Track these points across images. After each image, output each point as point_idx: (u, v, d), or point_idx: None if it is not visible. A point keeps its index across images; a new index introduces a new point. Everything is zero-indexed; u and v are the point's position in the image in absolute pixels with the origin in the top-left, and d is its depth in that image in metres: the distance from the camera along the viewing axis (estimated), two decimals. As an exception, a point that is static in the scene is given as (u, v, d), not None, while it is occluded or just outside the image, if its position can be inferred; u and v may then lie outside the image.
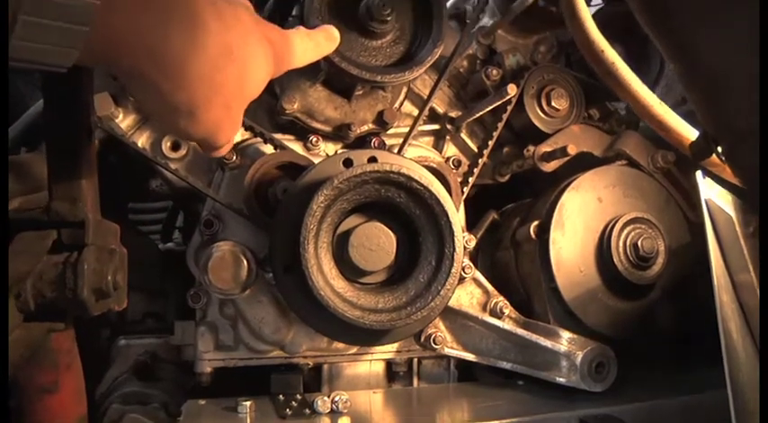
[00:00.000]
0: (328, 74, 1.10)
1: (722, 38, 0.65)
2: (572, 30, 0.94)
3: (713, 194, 0.90)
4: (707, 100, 0.71)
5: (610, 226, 1.17)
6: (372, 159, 0.97)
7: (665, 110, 0.92)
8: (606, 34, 1.14)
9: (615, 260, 1.14)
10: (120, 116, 1.08)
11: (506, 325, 1.15)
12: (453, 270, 0.96)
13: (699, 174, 0.90)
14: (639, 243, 1.15)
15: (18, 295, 0.77)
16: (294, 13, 1.32)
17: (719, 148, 0.76)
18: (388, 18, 1.05)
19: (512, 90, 1.13)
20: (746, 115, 0.63)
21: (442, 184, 1.01)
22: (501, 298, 1.17)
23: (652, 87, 1.35)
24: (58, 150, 0.84)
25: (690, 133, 0.91)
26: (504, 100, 1.16)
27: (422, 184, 0.94)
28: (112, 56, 0.59)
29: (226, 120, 0.72)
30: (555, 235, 1.15)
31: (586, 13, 0.92)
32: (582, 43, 0.93)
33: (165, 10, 0.60)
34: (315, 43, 0.87)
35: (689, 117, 1.06)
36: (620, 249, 1.15)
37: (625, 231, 1.16)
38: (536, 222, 1.17)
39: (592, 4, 1.35)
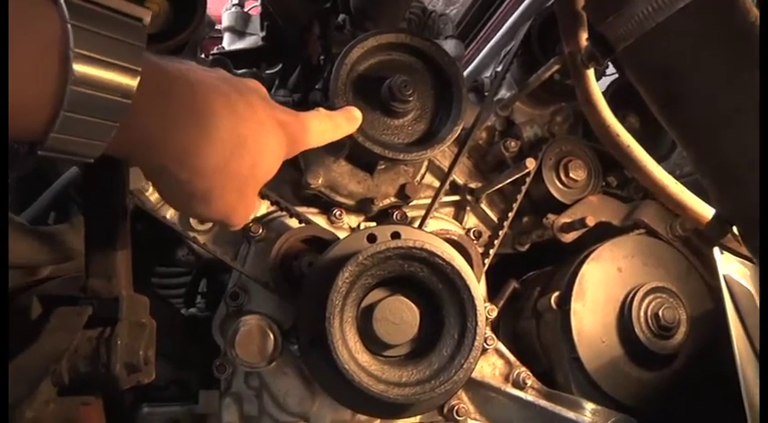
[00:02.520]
0: (352, 150, 1.13)
1: (732, 134, 0.67)
2: (587, 115, 0.98)
3: (731, 270, 0.92)
4: (719, 187, 0.73)
5: (630, 296, 1.18)
6: (396, 235, 1.00)
7: (680, 189, 0.94)
8: (621, 104, 1.17)
9: (637, 330, 1.15)
10: (150, 189, 1.12)
11: (529, 396, 1.15)
12: (476, 343, 0.97)
13: (716, 250, 0.92)
14: (661, 313, 1.15)
15: (54, 370, 0.79)
16: (318, 86, 1.38)
17: (734, 228, 0.78)
18: (410, 98, 1.08)
19: (530, 164, 1.16)
20: (759, 205, 0.65)
21: (464, 256, 1.03)
22: (523, 369, 1.18)
23: (668, 153, 1.38)
24: (96, 229, 0.87)
25: (706, 212, 0.93)
26: (523, 173, 1.18)
27: (444, 260, 0.96)
28: (135, 149, 0.63)
29: (240, 203, 0.75)
30: (576, 305, 1.16)
31: (601, 100, 0.95)
32: (597, 127, 0.96)
33: (184, 109, 0.64)
34: (334, 124, 0.91)
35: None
36: (642, 319, 1.16)
37: (646, 301, 1.17)
38: (557, 293, 1.18)
39: (607, 73, 1.38)
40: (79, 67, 0.52)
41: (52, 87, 0.51)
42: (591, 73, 0.96)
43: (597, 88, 0.95)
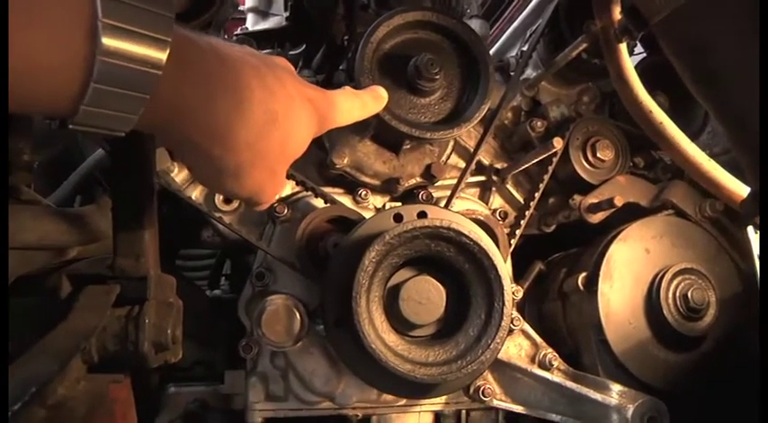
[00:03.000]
0: (377, 129, 1.13)
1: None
2: (619, 90, 0.96)
3: (766, 249, 0.90)
4: (754, 162, 0.71)
5: (659, 277, 1.16)
6: (422, 214, 0.99)
7: (713, 166, 0.92)
8: (650, 83, 1.15)
9: (665, 312, 1.14)
10: (176, 170, 1.12)
11: (555, 377, 1.15)
12: (503, 324, 0.97)
13: (750, 229, 0.90)
14: (689, 294, 1.14)
15: (84, 348, 0.80)
16: (342, 67, 1.37)
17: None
18: (436, 77, 1.07)
19: (558, 144, 1.14)
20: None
21: (490, 236, 1.02)
22: (550, 350, 1.17)
23: (698, 133, 1.35)
24: (123, 209, 0.88)
25: (740, 189, 0.91)
26: (550, 153, 1.17)
27: (471, 239, 0.96)
28: (166, 123, 0.62)
29: (269, 180, 0.75)
30: (603, 287, 1.15)
31: (633, 74, 0.93)
32: (629, 103, 0.94)
33: (215, 82, 0.63)
34: (361, 103, 0.90)
35: (737, 165, 1.06)
36: (670, 301, 1.15)
37: (674, 282, 1.16)
38: (584, 274, 1.17)
39: (635, 53, 1.36)
40: (108, 39, 0.51)
41: (81, 59, 0.50)
42: (624, 48, 0.94)
43: (630, 64, 0.93)
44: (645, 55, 1.39)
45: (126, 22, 0.52)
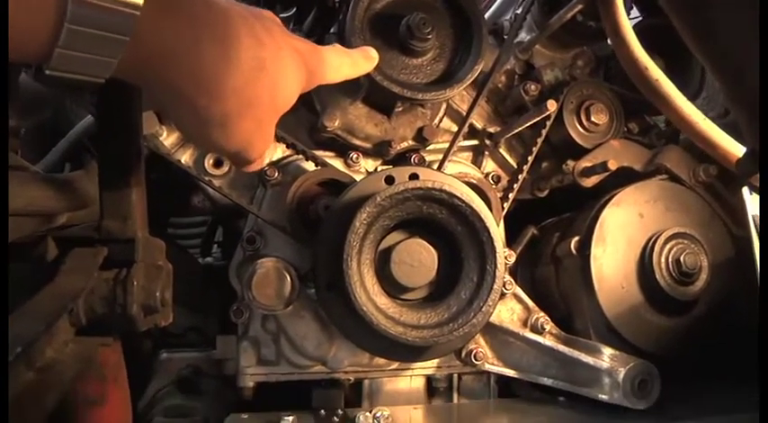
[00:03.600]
0: (368, 91, 1.11)
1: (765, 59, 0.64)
2: (615, 47, 0.94)
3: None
4: (752, 119, 0.70)
5: (652, 241, 1.16)
6: (414, 176, 0.98)
7: (709, 126, 0.91)
8: (646, 47, 1.13)
9: (657, 276, 1.13)
10: (165, 134, 1.10)
11: (547, 341, 1.15)
12: (495, 286, 0.96)
13: (745, 190, 0.89)
14: (682, 258, 1.13)
15: (71, 310, 0.79)
16: (333, 30, 1.34)
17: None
18: (429, 37, 1.05)
19: (551, 106, 1.13)
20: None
21: (482, 200, 1.01)
22: (542, 314, 1.17)
23: (693, 98, 1.34)
24: (110, 170, 0.86)
25: (736, 149, 0.90)
26: (544, 116, 1.16)
27: (463, 201, 0.95)
28: (148, 70, 0.60)
29: (257, 133, 0.73)
30: (596, 251, 1.15)
31: (629, 31, 0.92)
32: (625, 60, 0.92)
33: (201, 26, 0.61)
34: (351, 60, 0.88)
35: (732, 129, 1.05)
36: (663, 265, 1.14)
37: (667, 247, 1.15)
38: (577, 238, 1.17)
39: (631, 16, 1.34)
40: None
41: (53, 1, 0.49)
42: (620, 3, 0.92)
43: (627, 20, 0.92)
44: (641, 17, 1.37)
45: None
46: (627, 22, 0.92)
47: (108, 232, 0.86)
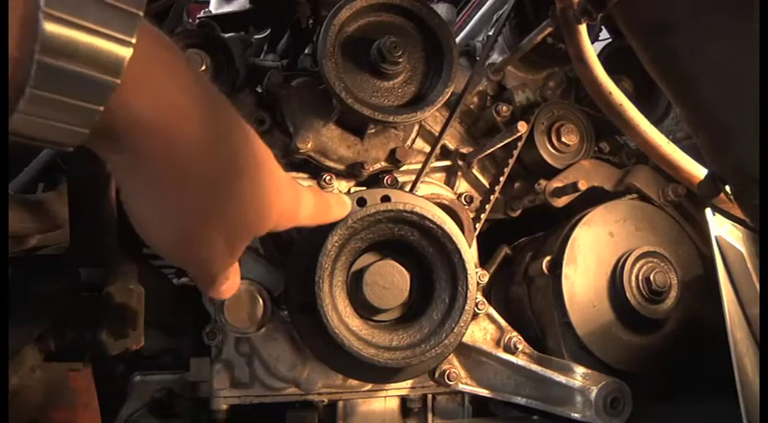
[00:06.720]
0: (341, 113, 1.11)
1: (726, 88, 0.66)
2: (579, 73, 0.96)
3: (723, 231, 0.91)
4: (713, 144, 0.72)
5: (622, 260, 1.17)
6: (385, 198, 0.99)
7: (673, 149, 0.93)
8: (615, 68, 1.15)
9: (628, 294, 1.15)
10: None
11: (520, 360, 1.15)
12: (467, 307, 0.97)
13: (708, 211, 0.91)
14: (652, 277, 1.15)
15: (39, 336, 0.78)
16: (307, 50, 1.35)
17: (727, 188, 0.77)
18: (400, 60, 1.06)
19: (522, 127, 1.15)
20: (752, 163, 0.64)
21: (455, 220, 1.02)
22: (515, 333, 1.18)
23: (662, 118, 1.37)
24: (79, 194, 0.86)
25: (698, 172, 0.92)
26: (515, 137, 1.17)
27: (435, 223, 0.96)
28: (117, 138, 0.50)
29: (224, 251, 0.66)
30: (567, 270, 1.16)
31: (593, 56, 0.93)
32: (590, 85, 0.94)
33: (182, 92, 0.53)
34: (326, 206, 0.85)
35: (699, 152, 1.07)
36: (633, 284, 1.16)
37: (637, 265, 1.17)
38: (548, 257, 1.18)
39: (600, 38, 1.37)
40: (51, 29, 0.40)
41: (15, 54, 0.40)
42: (584, 29, 0.94)
43: (590, 45, 0.94)
44: (610, 40, 1.39)
45: (75, 13, 0.41)
46: (590, 47, 0.94)
47: (78, 256, 0.85)
